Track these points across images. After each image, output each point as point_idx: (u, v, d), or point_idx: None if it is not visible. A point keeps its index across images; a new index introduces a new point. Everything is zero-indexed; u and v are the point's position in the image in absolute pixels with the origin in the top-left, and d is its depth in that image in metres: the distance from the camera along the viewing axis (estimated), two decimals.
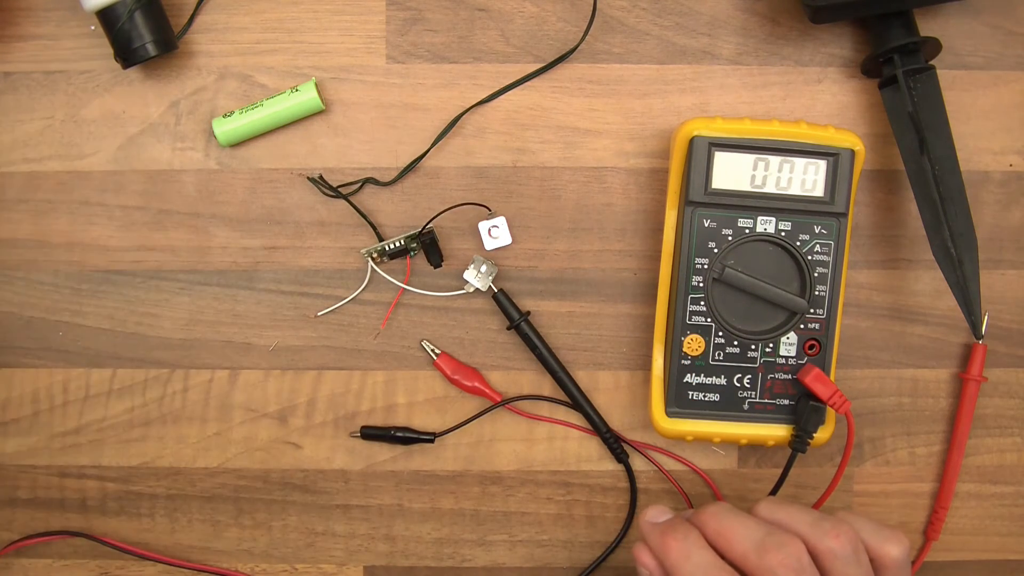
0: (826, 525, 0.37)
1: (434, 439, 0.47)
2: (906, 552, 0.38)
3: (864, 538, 0.38)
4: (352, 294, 0.47)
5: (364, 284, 0.46)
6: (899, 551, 0.38)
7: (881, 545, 0.38)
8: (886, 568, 0.38)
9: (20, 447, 0.48)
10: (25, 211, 0.46)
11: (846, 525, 0.37)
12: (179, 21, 0.46)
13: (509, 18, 0.46)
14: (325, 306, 0.47)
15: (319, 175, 0.46)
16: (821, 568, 0.37)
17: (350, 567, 0.48)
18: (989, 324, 0.47)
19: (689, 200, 0.43)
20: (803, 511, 0.38)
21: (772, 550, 0.37)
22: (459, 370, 0.46)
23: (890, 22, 0.43)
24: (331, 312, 0.47)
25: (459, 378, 0.46)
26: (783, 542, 0.37)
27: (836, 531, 0.37)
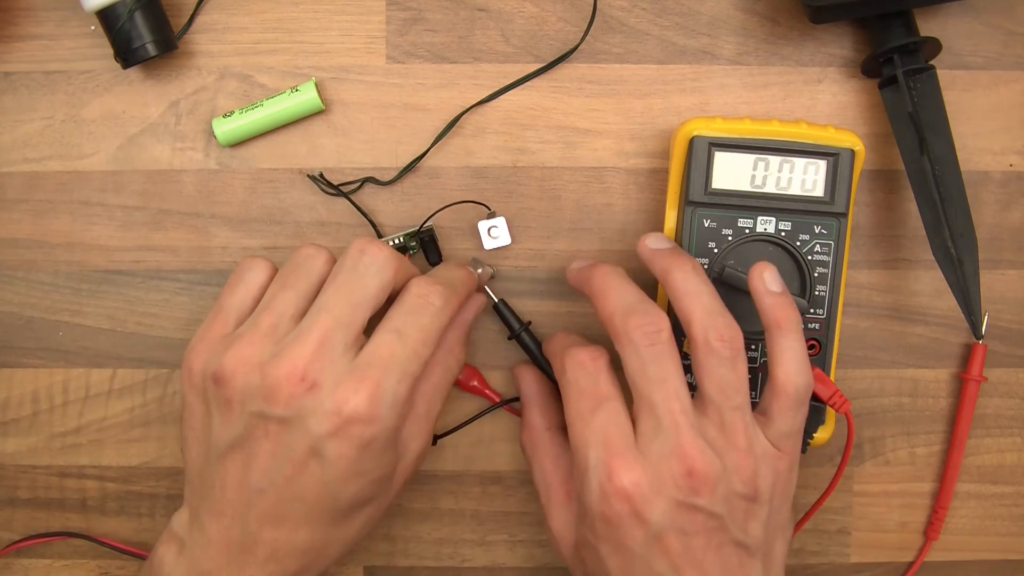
0: (721, 322, 0.37)
1: (436, 441, 0.47)
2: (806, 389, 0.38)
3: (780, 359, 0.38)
4: None
5: None
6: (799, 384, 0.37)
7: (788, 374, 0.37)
8: (778, 395, 0.38)
9: (20, 447, 0.48)
10: (25, 211, 0.46)
11: (737, 331, 0.37)
12: (179, 21, 0.46)
13: (509, 18, 0.46)
14: None
15: (319, 173, 0.46)
16: (695, 357, 0.37)
17: (350, 567, 0.48)
18: (989, 324, 0.47)
19: (689, 200, 0.43)
20: (713, 299, 0.38)
21: (637, 315, 0.37)
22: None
23: (890, 22, 0.43)
24: None
25: (459, 377, 0.46)
26: (650, 310, 0.38)
27: (726, 333, 0.37)
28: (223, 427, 0.37)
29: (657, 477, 0.36)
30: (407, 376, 0.37)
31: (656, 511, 0.35)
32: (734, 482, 0.36)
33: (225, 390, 0.37)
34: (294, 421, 0.36)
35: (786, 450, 0.38)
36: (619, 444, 0.36)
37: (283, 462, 0.36)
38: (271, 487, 0.37)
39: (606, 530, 0.36)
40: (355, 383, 0.36)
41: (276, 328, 0.38)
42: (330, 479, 0.36)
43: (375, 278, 0.38)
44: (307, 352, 0.36)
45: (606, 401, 0.37)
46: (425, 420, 0.41)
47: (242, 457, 0.37)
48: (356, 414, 0.36)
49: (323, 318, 0.37)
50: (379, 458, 0.37)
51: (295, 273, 0.39)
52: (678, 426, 0.36)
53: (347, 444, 0.36)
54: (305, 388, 0.36)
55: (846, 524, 0.48)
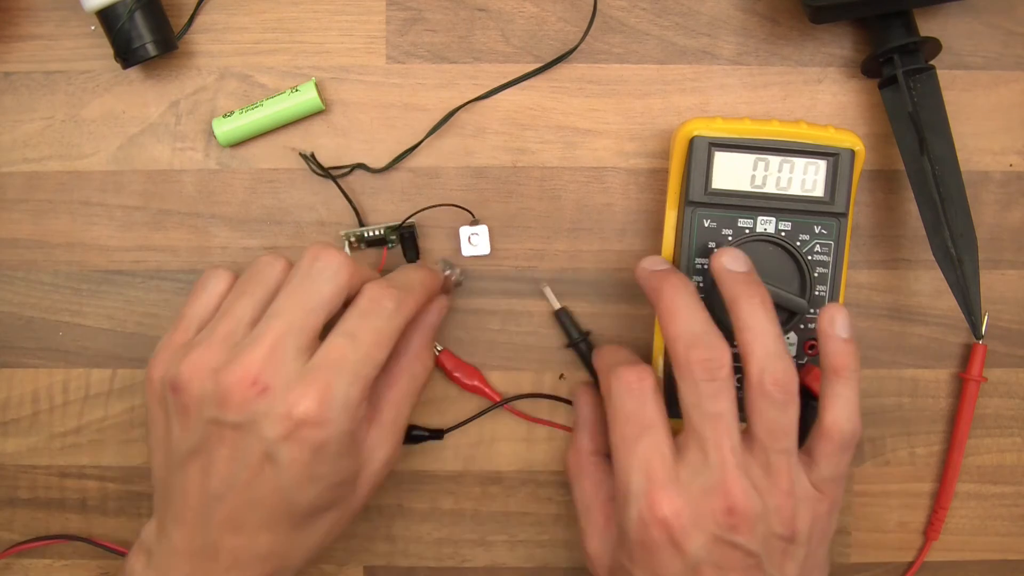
0: (780, 366, 0.37)
1: (443, 436, 0.47)
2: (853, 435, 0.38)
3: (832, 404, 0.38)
4: None
5: None
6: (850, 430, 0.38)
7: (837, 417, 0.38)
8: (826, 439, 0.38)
9: (20, 447, 0.48)
10: (25, 211, 0.46)
11: (793, 376, 0.37)
12: (179, 21, 0.46)
13: (509, 18, 0.46)
14: None
15: (311, 152, 0.46)
16: (748, 396, 0.38)
17: (350, 567, 0.48)
18: (989, 324, 0.47)
19: (689, 200, 0.43)
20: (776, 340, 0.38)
21: (700, 347, 0.37)
22: (460, 367, 0.46)
23: (890, 22, 0.43)
24: None
25: (460, 376, 0.46)
26: (714, 344, 0.37)
27: (782, 378, 0.37)
28: (182, 435, 0.38)
29: (698, 510, 0.36)
30: (359, 379, 0.37)
31: (694, 544, 0.36)
32: (773, 523, 0.37)
33: (182, 397, 0.37)
34: (247, 426, 0.36)
35: (827, 493, 0.39)
36: (661, 474, 0.36)
37: (240, 468, 0.36)
38: (229, 493, 0.37)
39: (643, 557, 0.37)
40: (305, 386, 0.36)
41: (232, 334, 0.38)
42: (285, 484, 0.36)
43: (328, 283, 0.38)
44: (259, 357, 0.36)
45: (651, 428, 0.38)
46: (392, 427, 0.41)
47: (201, 464, 0.37)
48: (306, 417, 0.35)
49: (275, 323, 0.37)
50: (335, 462, 0.37)
51: (252, 280, 0.40)
52: (725, 464, 0.36)
53: (299, 448, 0.36)
54: (256, 392, 0.36)
55: (846, 524, 0.48)
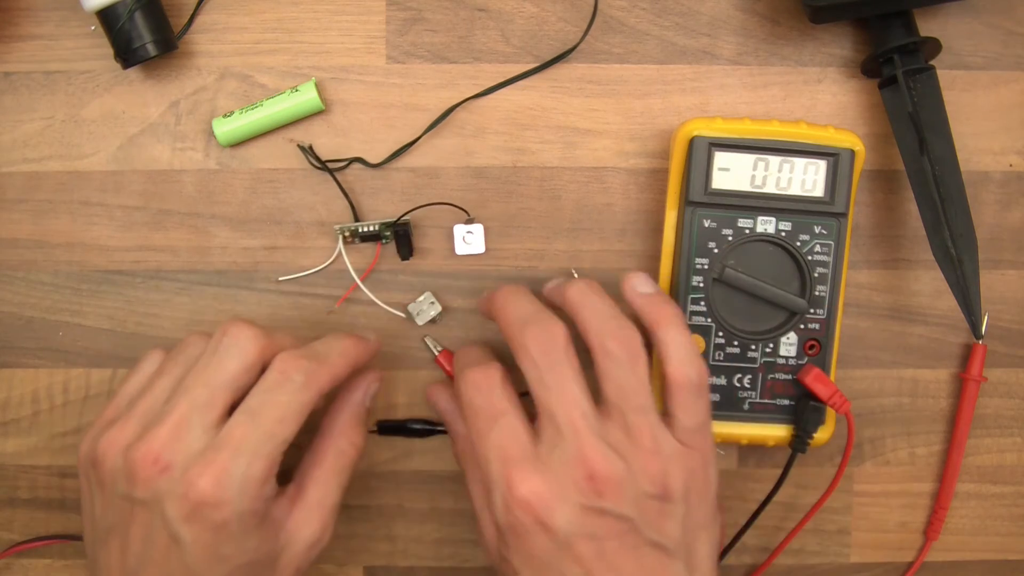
0: (613, 325, 0.38)
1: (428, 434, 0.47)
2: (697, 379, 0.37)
3: (667, 354, 0.38)
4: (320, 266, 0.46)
5: (332, 259, 0.46)
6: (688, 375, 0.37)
7: (676, 366, 0.38)
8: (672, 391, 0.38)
9: (20, 447, 0.48)
10: (25, 211, 0.46)
11: (631, 331, 0.38)
12: (179, 21, 0.46)
13: (509, 18, 0.46)
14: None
15: (309, 145, 0.46)
16: (596, 365, 0.37)
17: (350, 567, 0.48)
18: (989, 324, 0.47)
19: (689, 200, 0.43)
20: (607, 306, 0.38)
21: (531, 324, 0.38)
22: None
23: (890, 22, 0.43)
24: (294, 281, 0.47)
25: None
26: (544, 319, 0.38)
27: (619, 334, 0.37)
28: (102, 510, 0.38)
29: (559, 484, 0.35)
30: (260, 457, 0.36)
31: (561, 518, 0.35)
32: (642, 483, 0.36)
33: (99, 472, 0.38)
34: (153, 504, 0.36)
35: (696, 446, 0.38)
36: (516, 455, 0.36)
37: (149, 546, 0.36)
38: (143, 570, 0.37)
39: (515, 541, 0.36)
40: (202, 466, 0.35)
41: (148, 412, 0.38)
42: (192, 563, 0.36)
43: (234, 359, 0.38)
44: (163, 435, 0.36)
45: (501, 416, 0.37)
46: (318, 507, 0.40)
47: (118, 540, 0.37)
48: (202, 497, 0.35)
49: (180, 401, 0.37)
50: (239, 543, 0.36)
51: (174, 360, 0.40)
52: (577, 431, 0.36)
53: (200, 528, 0.35)
54: (158, 470, 0.36)
55: (846, 524, 0.48)
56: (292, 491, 0.40)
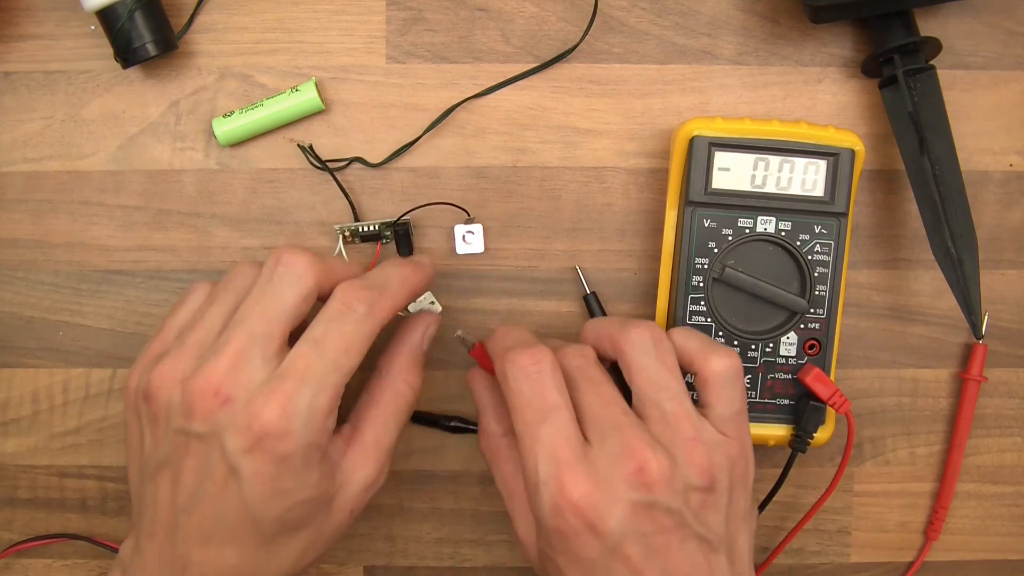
0: (634, 321, 0.38)
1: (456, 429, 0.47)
2: (731, 367, 0.37)
3: (688, 350, 0.38)
4: None
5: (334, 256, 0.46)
6: (721, 364, 0.37)
7: (704, 358, 0.37)
8: (708, 382, 0.37)
9: (20, 447, 0.48)
10: (25, 211, 0.46)
11: (651, 323, 0.38)
12: (179, 21, 0.46)
13: (509, 18, 0.46)
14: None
15: (309, 144, 0.46)
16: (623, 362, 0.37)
17: (350, 567, 0.48)
18: (989, 324, 0.47)
19: (689, 200, 0.43)
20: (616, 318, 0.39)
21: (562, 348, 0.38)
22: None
23: (890, 22, 0.43)
24: None
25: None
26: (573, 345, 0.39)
27: (639, 325, 0.38)
28: (153, 445, 0.37)
29: (609, 483, 0.35)
30: (325, 388, 0.36)
31: (612, 520, 0.34)
32: (689, 474, 0.35)
33: (152, 407, 0.37)
34: (211, 437, 0.35)
35: (732, 435, 0.37)
36: (568, 457, 0.35)
37: (206, 480, 0.36)
38: (196, 506, 0.36)
39: (562, 544, 0.35)
40: (266, 396, 0.35)
41: (201, 343, 0.37)
42: (249, 498, 0.35)
43: (291, 288, 0.37)
44: (222, 366, 0.35)
45: (553, 411, 0.36)
46: (374, 449, 0.39)
47: (169, 476, 0.37)
48: (267, 428, 0.34)
49: (238, 332, 0.36)
50: (300, 477, 0.36)
51: (225, 289, 0.39)
52: (620, 426, 0.36)
53: (261, 461, 0.35)
54: (219, 403, 0.35)
55: (846, 524, 0.48)
56: (348, 431, 0.39)
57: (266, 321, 0.36)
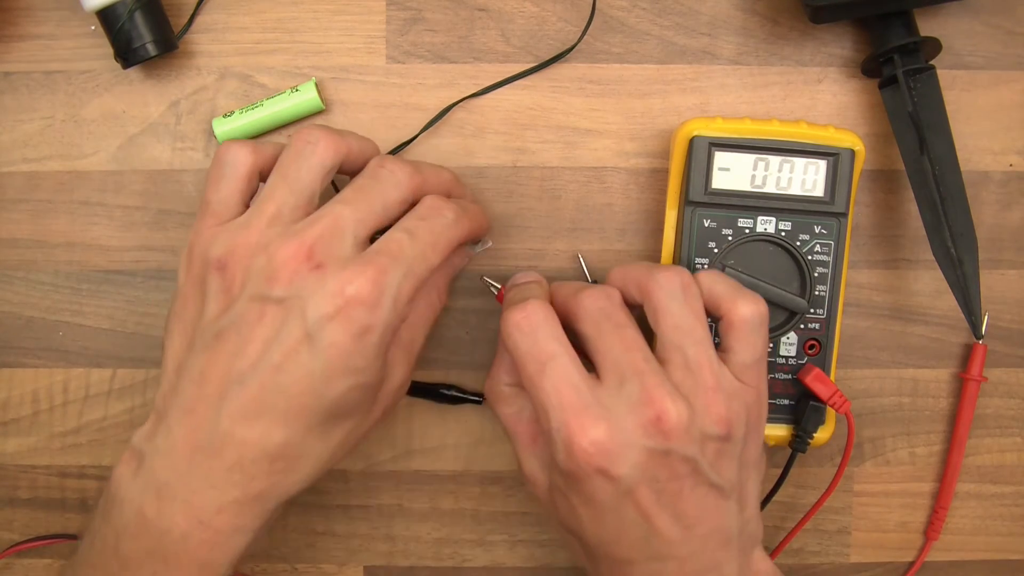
0: (661, 266, 0.39)
1: (482, 401, 0.47)
2: (758, 313, 0.38)
3: (716, 293, 0.38)
4: None
5: None
6: (749, 309, 0.38)
7: (732, 303, 0.38)
8: (733, 326, 0.38)
9: (20, 447, 0.48)
10: (25, 211, 0.46)
11: (680, 268, 0.38)
12: (179, 21, 0.46)
13: (509, 18, 0.46)
14: None
15: None
16: (649, 304, 0.38)
17: (350, 567, 0.48)
18: (989, 324, 0.47)
19: (689, 200, 0.43)
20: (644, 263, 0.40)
21: (587, 290, 0.38)
22: None
23: (890, 22, 0.43)
24: None
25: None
26: (598, 286, 0.39)
27: (667, 269, 0.38)
28: (217, 313, 0.36)
29: (624, 430, 0.35)
30: (412, 274, 0.36)
31: (626, 465, 0.35)
32: (706, 424, 0.36)
33: (226, 275, 0.36)
34: (293, 301, 0.35)
35: (751, 382, 0.38)
36: (575, 402, 0.35)
37: (274, 347, 0.35)
38: (254, 377, 0.35)
39: (575, 484, 0.36)
40: (361, 266, 0.35)
41: (279, 217, 0.37)
42: (318, 371, 0.35)
43: (396, 188, 0.38)
44: (316, 233, 0.35)
45: (551, 359, 0.36)
46: (408, 350, 0.39)
47: (232, 343, 0.35)
48: (359, 296, 0.34)
49: (339, 208, 0.36)
50: (370, 357, 0.36)
51: (297, 162, 0.38)
52: (640, 373, 0.36)
53: (344, 329, 0.34)
54: (311, 267, 0.35)
55: (846, 524, 0.48)
56: None
57: (368, 208, 0.37)
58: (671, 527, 0.36)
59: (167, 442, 0.36)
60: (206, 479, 0.35)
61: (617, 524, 0.36)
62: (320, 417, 0.36)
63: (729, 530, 0.37)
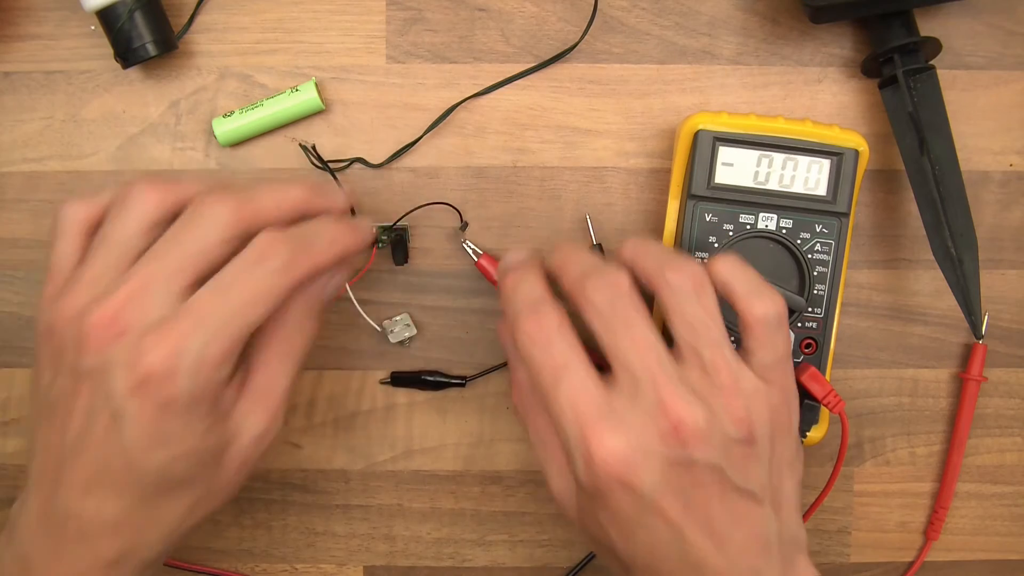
0: (675, 261, 0.36)
1: (465, 383, 0.46)
2: (775, 312, 0.36)
3: (732, 290, 0.37)
4: None
5: None
6: (765, 309, 0.36)
7: (749, 301, 0.36)
8: (749, 327, 0.36)
9: (20, 447, 0.47)
10: (25, 211, 0.46)
11: (694, 264, 0.36)
12: (179, 21, 0.46)
13: (509, 18, 0.46)
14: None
15: (312, 144, 0.46)
16: (662, 304, 0.36)
17: (350, 567, 0.48)
18: (989, 324, 0.47)
19: (691, 194, 0.43)
20: (663, 248, 0.37)
21: (593, 276, 0.36)
22: None
23: (890, 22, 0.44)
24: None
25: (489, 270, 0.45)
26: (605, 270, 0.36)
27: (679, 266, 0.36)
28: (48, 384, 0.35)
29: (642, 439, 0.33)
30: (221, 336, 0.33)
31: (647, 476, 0.33)
32: (727, 427, 0.34)
33: (52, 344, 0.35)
34: (100, 375, 0.33)
35: (775, 380, 0.36)
36: (590, 412, 0.34)
37: (93, 421, 0.34)
38: (82, 450, 0.34)
39: (600, 500, 0.35)
40: (159, 335, 0.32)
41: (100, 279, 0.35)
42: (130, 443, 0.33)
43: (215, 229, 0.34)
44: (122, 296, 0.33)
45: (564, 370, 0.35)
46: (264, 395, 0.37)
47: (60, 417, 0.35)
48: (152, 369, 0.32)
49: (148, 265, 0.34)
50: (183, 426, 0.34)
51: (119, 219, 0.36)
52: (655, 378, 0.34)
53: (144, 403, 0.33)
54: (113, 334, 0.33)
55: (846, 524, 0.48)
56: (239, 378, 0.36)
57: (181, 257, 0.34)
58: (703, 538, 0.34)
59: (26, 514, 0.36)
60: (55, 551, 0.35)
61: (648, 539, 0.35)
62: (150, 488, 0.35)
63: (767, 536, 0.36)
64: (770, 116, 0.43)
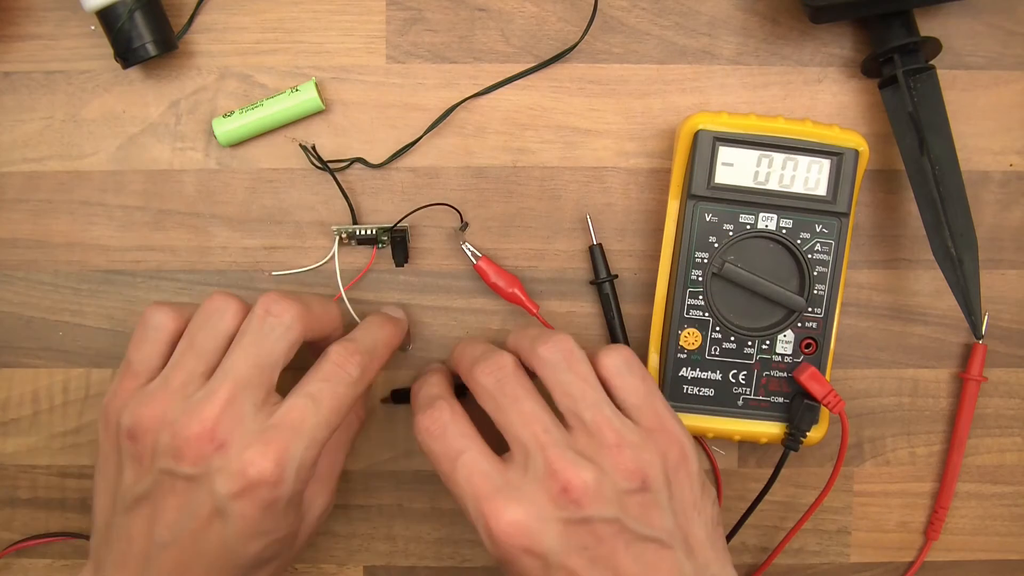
0: (545, 336, 0.39)
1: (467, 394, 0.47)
2: (621, 359, 0.39)
3: (589, 352, 0.39)
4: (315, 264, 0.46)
5: (327, 258, 0.46)
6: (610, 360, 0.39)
7: (596, 359, 0.39)
8: (604, 379, 0.39)
9: (20, 447, 0.48)
10: (25, 211, 0.46)
11: (560, 336, 0.39)
12: (179, 21, 0.46)
13: (509, 18, 0.46)
14: None
15: (312, 144, 0.46)
16: (543, 381, 0.39)
17: (350, 567, 0.48)
18: (989, 324, 0.47)
19: (691, 194, 0.43)
20: (532, 331, 0.40)
21: (481, 362, 0.39)
22: (500, 275, 0.45)
23: (890, 22, 0.44)
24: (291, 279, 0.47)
25: (500, 283, 0.45)
26: (492, 355, 0.39)
27: (547, 341, 0.39)
28: (133, 480, 0.38)
29: (537, 506, 0.35)
30: (315, 443, 0.37)
31: (547, 540, 0.35)
32: (618, 480, 0.36)
33: (137, 446, 0.37)
34: (201, 479, 0.36)
35: (650, 423, 0.38)
36: (486, 489, 0.36)
37: (188, 518, 0.36)
38: (175, 542, 0.37)
39: (511, 568, 0.36)
40: (263, 446, 0.36)
41: (186, 386, 0.38)
42: (231, 537, 0.36)
43: (281, 340, 0.38)
44: (215, 412, 0.36)
45: (459, 455, 0.37)
46: (327, 479, 0.42)
47: (149, 511, 0.37)
48: (261, 477, 0.36)
49: (228, 379, 0.37)
50: (281, 519, 0.38)
51: (203, 331, 0.39)
52: (542, 446, 0.36)
53: (250, 505, 0.36)
54: (214, 448, 0.36)
55: (846, 524, 0.48)
56: None
57: (258, 371, 0.38)
58: None
59: None
60: None
61: None
62: (240, 571, 0.38)
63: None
64: (770, 116, 0.43)
